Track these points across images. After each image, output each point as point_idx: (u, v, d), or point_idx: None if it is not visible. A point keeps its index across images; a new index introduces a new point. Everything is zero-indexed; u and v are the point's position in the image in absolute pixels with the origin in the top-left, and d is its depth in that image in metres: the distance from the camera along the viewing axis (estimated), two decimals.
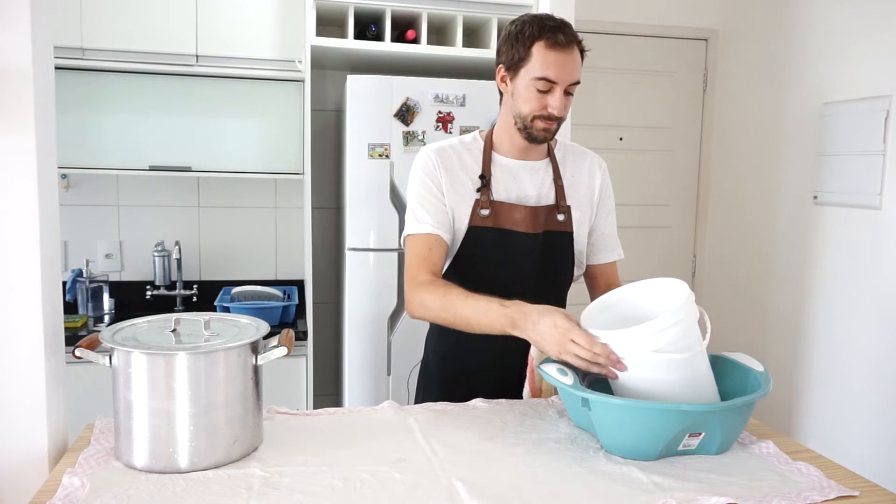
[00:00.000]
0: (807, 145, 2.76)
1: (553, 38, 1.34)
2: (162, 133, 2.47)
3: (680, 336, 1.11)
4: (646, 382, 1.14)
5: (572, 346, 1.14)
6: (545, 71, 1.35)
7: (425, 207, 1.45)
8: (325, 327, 2.91)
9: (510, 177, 1.49)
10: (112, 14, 2.36)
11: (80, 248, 2.70)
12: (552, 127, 1.42)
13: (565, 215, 1.50)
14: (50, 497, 0.94)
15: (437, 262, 1.43)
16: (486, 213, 1.45)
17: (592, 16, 3.11)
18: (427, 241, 1.43)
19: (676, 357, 1.11)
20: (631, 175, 3.32)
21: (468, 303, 1.31)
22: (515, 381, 1.46)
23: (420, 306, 1.39)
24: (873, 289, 2.45)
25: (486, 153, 1.49)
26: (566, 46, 1.35)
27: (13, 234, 1.09)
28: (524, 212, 1.46)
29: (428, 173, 1.47)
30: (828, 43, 2.65)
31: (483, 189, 1.46)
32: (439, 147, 1.50)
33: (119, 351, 1.04)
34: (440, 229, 1.44)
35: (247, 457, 1.09)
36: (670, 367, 1.12)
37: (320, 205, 2.88)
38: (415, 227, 1.45)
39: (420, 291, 1.39)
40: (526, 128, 1.42)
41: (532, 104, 1.39)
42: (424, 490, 0.99)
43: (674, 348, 1.10)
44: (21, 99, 1.07)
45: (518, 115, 1.42)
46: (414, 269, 1.43)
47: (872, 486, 1.03)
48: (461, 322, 1.33)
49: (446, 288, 1.35)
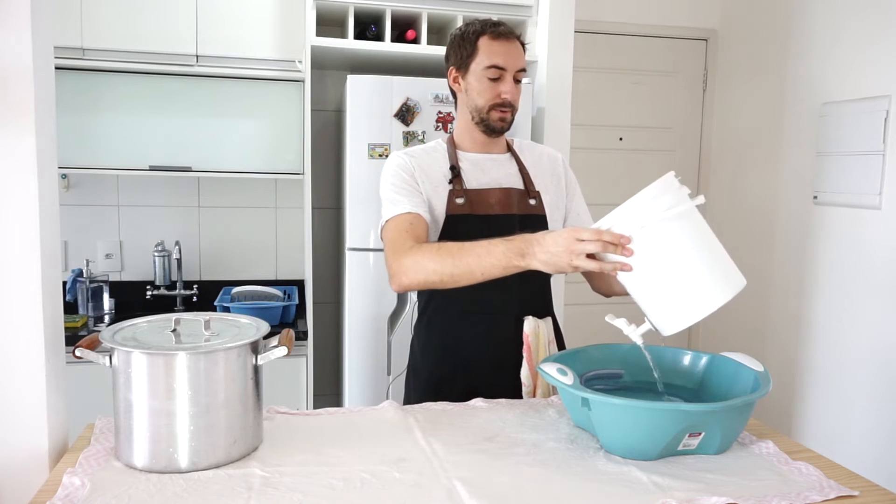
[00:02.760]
0: (807, 145, 2.76)
1: (495, 30, 1.48)
2: (162, 133, 2.48)
3: (675, 201, 1.13)
4: (660, 260, 1.13)
5: (580, 244, 1.15)
6: (493, 59, 1.47)
7: (400, 193, 1.47)
8: (325, 327, 2.91)
9: (478, 168, 1.54)
10: (112, 14, 2.36)
11: (80, 248, 2.70)
12: (507, 115, 1.50)
13: (536, 200, 1.55)
14: (50, 497, 0.94)
15: (420, 234, 1.42)
16: (462, 201, 1.49)
17: (592, 16, 3.11)
18: (407, 218, 1.44)
19: (679, 209, 1.12)
20: (631, 175, 3.32)
21: (467, 248, 1.29)
22: (513, 366, 1.48)
23: (413, 267, 1.34)
24: (873, 289, 2.45)
25: (452, 151, 1.55)
26: (508, 36, 1.49)
27: (13, 234, 1.09)
28: (498, 194, 1.51)
29: (401, 167, 1.51)
30: (828, 43, 2.66)
31: (456, 179, 1.50)
32: (407, 150, 1.57)
33: (119, 351, 1.04)
34: (419, 209, 1.45)
35: (247, 457, 1.09)
36: (676, 227, 1.13)
37: (320, 205, 2.88)
38: (391, 210, 1.46)
39: (411, 255, 1.35)
40: (483, 120, 1.50)
41: (486, 94, 1.48)
42: (424, 490, 0.99)
43: (673, 212, 1.12)
44: (21, 99, 1.07)
45: (475, 109, 1.51)
46: (398, 241, 1.40)
47: (872, 486, 1.03)
48: (461, 270, 1.29)
49: (439, 244, 1.36)
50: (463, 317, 1.51)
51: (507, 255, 1.25)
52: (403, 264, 1.36)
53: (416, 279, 1.35)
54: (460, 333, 1.52)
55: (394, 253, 1.39)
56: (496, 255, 1.26)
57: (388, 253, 1.42)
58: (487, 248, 1.27)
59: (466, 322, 1.51)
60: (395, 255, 1.39)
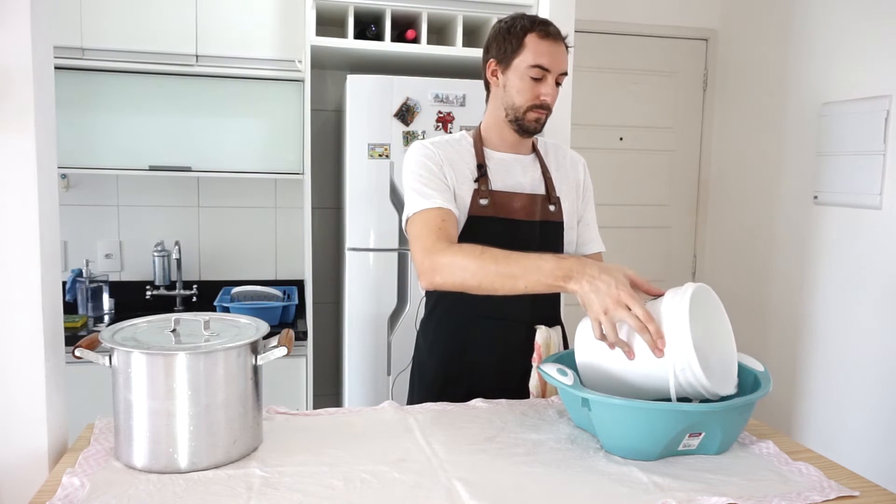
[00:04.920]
0: (807, 145, 2.76)
1: (545, 30, 1.44)
2: (162, 133, 2.47)
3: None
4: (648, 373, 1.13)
5: (622, 311, 1.09)
6: (539, 59, 1.42)
7: (430, 186, 1.42)
8: (325, 327, 2.91)
9: (503, 169, 1.51)
10: (112, 14, 2.36)
11: (80, 248, 2.70)
12: (542, 117, 1.47)
13: (556, 206, 1.53)
14: (50, 497, 0.94)
15: (452, 233, 1.37)
16: (486, 202, 1.46)
17: (592, 16, 3.11)
18: (439, 214, 1.38)
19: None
20: (631, 175, 3.32)
21: (514, 257, 1.23)
22: (520, 373, 1.47)
23: (450, 267, 1.28)
24: (873, 289, 2.45)
25: (478, 147, 1.51)
26: (556, 37, 1.45)
27: (13, 235, 1.09)
28: (522, 199, 1.49)
29: (428, 157, 1.46)
30: (828, 43, 2.65)
31: (482, 178, 1.47)
32: (433, 140, 1.52)
33: (119, 351, 1.04)
34: (450, 204, 1.41)
35: (247, 457, 1.09)
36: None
37: (320, 205, 2.88)
38: (422, 203, 1.40)
39: (449, 254, 1.29)
40: (517, 119, 1.47)
41: (526, 94, 1.44)
42: (424, 490, 0.99)
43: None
44: (21, 99, 1.07)
45: (511, 107, 1.47)
46: (430, 238, 1.34)
47: (872, 486, 1.03)
48: (503, 279, 1.23)
49: (483, 248, 1.27)
50: (475, 320, 1.49)
51: (555, 274, 1.18)
52: (438, 262, 1.30)
53: (452, 280, 1.29)
54: (470, 336, 1.50)
55: (425, 250, 1.33)
56: (545, 272, 1.19)
57: (416, 249, 1.36)
58: (537, 262, 1.20)
59: (477, 326, 1.49)
60: (428, 253, 1.32)
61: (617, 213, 3.29)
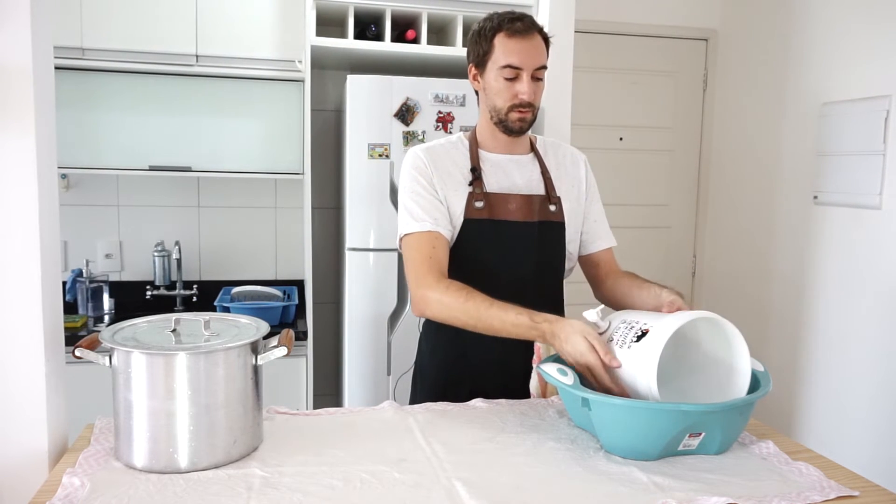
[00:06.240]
0: (807, 145, 2.76)
1: (511, 27, 1.41)
2: (162, 133, 2.47)
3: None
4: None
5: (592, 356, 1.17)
6: (509, 58, 1.41)
7: (421, 205, 1.45)
8: (325, 327, 2.91)
9: (500, 170, 1.51)
10: (112, 14, 2.36)
11: (80, 248, 2.70)
12: (527, 116, 1.45)
13: (557, 206, 1.52)
14: (50, 497, 0.94)
15: (442, 261, 1.42)
16: (481, 205, 1.46)
17: (592, 16, 3.11)
18: (430, 240, 1.42)
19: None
20: (631, 175, 3.32)
21: (493, 312, 1.29)
22: (521, 374, 1.47)
23: (438, 305, 1.36)
24: (873, 289, 2.45)
25: (473, 150, 1.52)
26: (525, 33, 1.42)
27: (13, 234, 1.09)
28: (518, 200, 1.48)
29: (419, 171, 1.48)
30: (828, 43, 2.65)
31: (476, 182, 1.47)
32: (427, 146, 1.53)
33: (119, 351, 1.04)
34: (439, 226, 1.44)
35: (247, 457, 1.09)
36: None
37: (320, 205, 2.88)
38: (412, 225, 1.44)
39: (438, 292, 1.36)
40: (502, 121, 1.46)
41: (503, 94, 1.44)
42: (424, 490, 0.99)
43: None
44: (21, 99, 1.07)
45: (493, 109, 1.47)
46: (422, 268, 1.40)
47: (872, 486, 1.03)
48: (483, 328, 1.32)
49: (468, 293, 1.33)
50: None
51: (529, 333, 1.27)
52: (428, 297, 1.37)
53: (439, 316, 1.38)
54: (471, 339, 1.47)
55: (417, 280, 1.40)
56: (521, 331, 1.27)
57: (410, 274, 1.42)
58: (515, 319, 1.27)
59: None
60: (419, 285, 1.39)
61: (617, 213, 3.26)
